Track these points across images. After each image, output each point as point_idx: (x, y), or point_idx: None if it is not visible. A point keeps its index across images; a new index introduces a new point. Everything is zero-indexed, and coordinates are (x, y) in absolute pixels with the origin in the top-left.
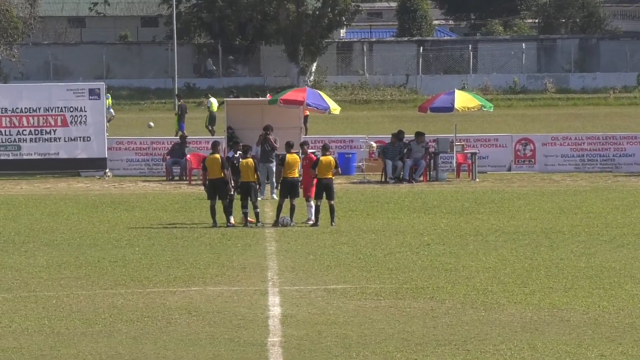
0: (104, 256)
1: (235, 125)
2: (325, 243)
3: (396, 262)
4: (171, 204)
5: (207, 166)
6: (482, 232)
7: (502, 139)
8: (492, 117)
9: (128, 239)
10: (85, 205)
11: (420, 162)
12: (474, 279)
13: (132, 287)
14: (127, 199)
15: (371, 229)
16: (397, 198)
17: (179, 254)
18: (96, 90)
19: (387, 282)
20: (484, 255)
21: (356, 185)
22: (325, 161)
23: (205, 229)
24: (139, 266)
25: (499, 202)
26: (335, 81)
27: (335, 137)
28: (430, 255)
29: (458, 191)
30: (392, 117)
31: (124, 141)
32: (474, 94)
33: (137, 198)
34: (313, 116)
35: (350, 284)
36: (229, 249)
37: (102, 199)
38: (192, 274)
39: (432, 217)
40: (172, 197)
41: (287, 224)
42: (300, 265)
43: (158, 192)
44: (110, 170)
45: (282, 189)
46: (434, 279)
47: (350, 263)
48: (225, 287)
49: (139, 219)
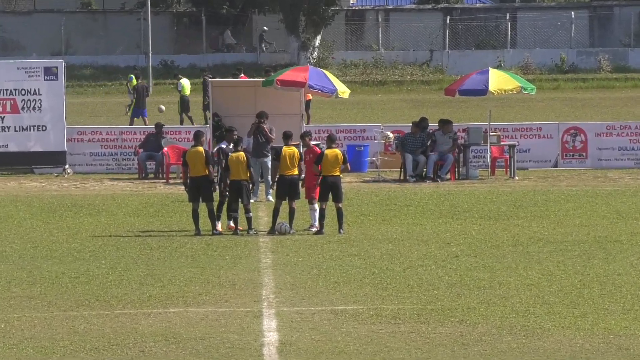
0: (63, 271)
1: (222, 111)
2: (331, 255)
3: (418, 278)
4: (145, 207)
5: (189, 161)
6: (523, 241)
7: (546, 129)
8: (535, 101)
9: (92, 250)
10: (40, 209)
11: (447, 156)
12: (512, 298)
13: (98, 308)
14: (91, 202)
15: (387, 237)
16: (419, 200)
17: (154, 268)
18: (53, 69)
19: (406, 302)
20: (525, 270)
21: (369, 184)
22: (331, 155)
23: (187, 237)
24: (105, 283)
25: (542, 205)
26: (343, 58)
27: (344, 126)
28: (460, 269)
29: (493, 192)
30: (412, 101)
31: (87, 131)
32: (512, 74)
33: (103, 200)
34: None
35: (362, 304)
36: (215, 262)
37: (61, 202)
38: (170, 292)
39: (462, 223)
40: (145, 198)
41: (285, 231)
42: (301, 281)
43: (129, 193)
44: (70, 167)
45: (278, 189)
46: (464, 298)
47: (362, 279)
48: (210, 309)
49: (106, 225)
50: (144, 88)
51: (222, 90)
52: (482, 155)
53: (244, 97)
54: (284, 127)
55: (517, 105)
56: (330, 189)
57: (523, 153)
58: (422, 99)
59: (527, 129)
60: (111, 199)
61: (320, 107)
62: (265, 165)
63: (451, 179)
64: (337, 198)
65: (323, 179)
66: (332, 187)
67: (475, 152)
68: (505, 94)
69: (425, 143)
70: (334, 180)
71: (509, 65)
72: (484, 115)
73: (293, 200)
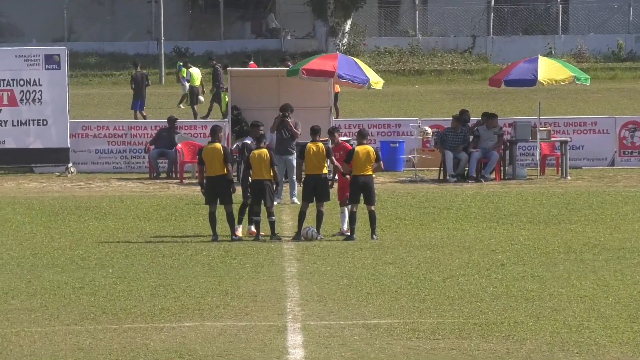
0: (65, 280)
1: (241, 104)
2: (363, 263)
3: (459, 289)
4: (156, 210)
5: (205, 159)
6: (576, 248)
7: (602, 123)
8: (589, 92)
9: (98, 258)
10: (41, 212)
11: (492, 153)
12: (564, 311)
13: (104, 322)
14: (96, 204)
15: (425, 243)
16: (461, 202)
17: (166, 278)
18: (55, 57)
19: (447, 315)
20: (578, 280)
21: (405, 184)
22: (363, 152)
23: (203, 243)
24: (113, 294)
25: (598, 208)
26: (376, 45)
27: (377, 121)
28: (506, 279)
29: (543, 193)
30: (453, 92)
31: (93, 126)
32: (563, 62)
33: (110, 202)
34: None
35: (397, 317)
36: (235, 271)
37: (64, 204)
38: (185, 304)
39: (508, 228)
40: (157, 200)
41: (312, 237)
42: (329, 292)
43: (138, 195)
44: (73, 165)
45: (305, 190)
46: (511, 311)
47: (397, 290)
48: (229, 322)
49: (113, 230)
50: (143, 77)
51: (241, 81)
52: (531, 152)
53: (266, 89)
54: (311, 121)
55: (570, 97)
56: (362, 190)
57: (576, 150)
58: (464, 90)
59: (581, 124)
60: (119, 201)
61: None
62: (290, 164)
63: (496, 179)
64: (370, 200)
65: (354, 179)
66: (364, 187)
67: (522, 149)
68: (556, 84)
69: (467, 139)
70: (366, 180)
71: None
72: (533, 109)
73: (321, 203)
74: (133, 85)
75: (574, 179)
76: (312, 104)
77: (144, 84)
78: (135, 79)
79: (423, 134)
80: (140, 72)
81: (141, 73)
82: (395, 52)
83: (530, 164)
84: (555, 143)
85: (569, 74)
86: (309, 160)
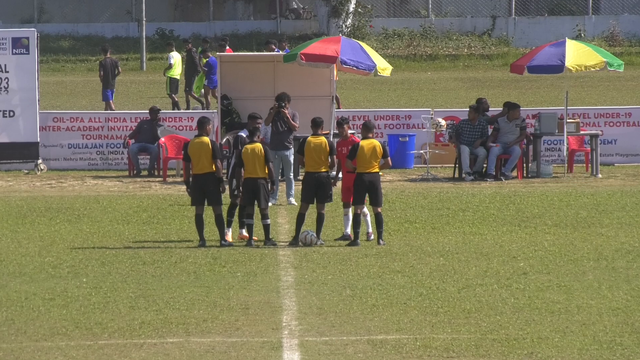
0: (34, 291)
1: (233, 93)
2: (369, 271)
3: (476, 301)
4: (136, 212)
5: (191, 155)
6: (607, 254)
7: (637, 114)
8: (623, 80)
9: (71, 265)
10: (7, 214)
11: (513, 148)
12: (594, 325)
13: (78, 337)
14: (69, 205)
15: (438, 249)
16: (478, 203)
17: (147, 288)
18: (23, 41)
19: (462, 330)
20: (610, 290)
21: (416, 183)
22: (368, 147)
23: (189, 249)
24: (87, 306)
25: (632, 210)
26: (384, 26)
27: (385, 112)
28: (529, 289)
29: (570, 193)
30: (470, 80)
31: (65, 117)
32: (594, 46)
33: (84, 203)
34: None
35: (407, 332)
36: (224, 281)
37: (32, 205)
38: (168, 317)
39: (531, 232)
40: (137, 201)
41: (311, 242)
42: (331, 304)
43: (117, 194)
44: (44, 162)
45: (304, 189)
46: (534, 325)
47: (406, 301)
48: (218, 338)
49: (88, 234)
50: (113, 64)
51: (233, 67)
52: (557, 147)
53: (261, 76)
54: (310, 112)
55: (601, 84)
56: (367, 190)
57: (608, 145)
58: (482, 78)
59: (614, 115)
60: (95, 201)
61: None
62: (286, 160)
63: (518, 176)
64: (376, 201)
65: (358, 177)
66: (369, 187)
67: (548, 143)
68: (586, 70)
69: (486, 132)
70: (372, 178)
71: (590, 36)
72: (559, 98)
73: (322, 204)
74: (102, 73)
75: (606, 177)
76: (312, 93)
77: (114, 73)
78: (104, 65)
79: (436, 126)
80: (110, 58)
81: (111, 59)
82: (406, 35)
83: (556, 160)
84: (584, 137)
85: (601, 59)
86: (309, 155)
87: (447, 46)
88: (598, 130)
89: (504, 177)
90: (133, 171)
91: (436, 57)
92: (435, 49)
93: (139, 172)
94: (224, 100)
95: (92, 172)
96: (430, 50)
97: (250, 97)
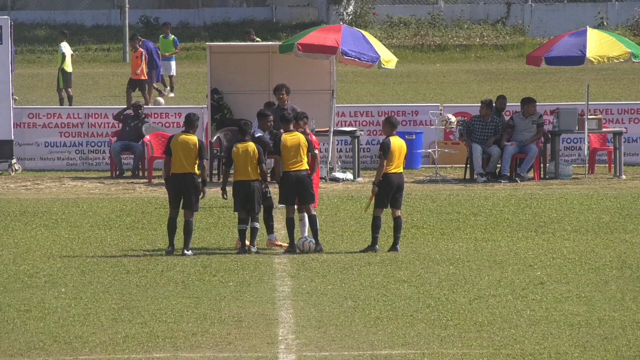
0: (8, 302)
1: (224, 87)
2: (372, 281)
3: (489, 313)
4: (119, 216)
5: (174, 150)
6: (631, 263)
7: None
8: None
9: (49, 274)
10: None
11: (529, 147)
12: (617, 339)
13: (56, 352)
14: (46, 209)
15: (448, 257)
16: (491, 207)
17: (132, 299)
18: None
19: (474, 344)
20: (634, 302)
21: (423, 185)
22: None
23: (176, 257)
24: (66, 318)
25: None
26: (389, 14)
27: (389, 107)
28: (546, 300)
29: (592, 196)
30: (482, 72)
31: (42, 113)
32: (618, 36)
33: (63, 207)
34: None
35: (413, 347)
36: (215, 291)
37: (6, 209)
38: (154, 330)
39: (549, 238)
40: (120, 204)
41: (309, 248)
42: (330, 316)
43: (98, 197)
44: (18, 162)
45: (284, 190)
46: (552, 339)
47: (413, 313)
48: (208, 353)
49: (67, 241)
50: None
51: (223, 59)
52: (577, 146)
53: (254, 68)
54: (309, 107)
55: (625, 78)
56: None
57: (632, 143)
58: (496, 70)
59: (639, 111)
60: (74, 205)
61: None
62: None
63: (535, 178)
64: (398, 203)
65: (385, 178)
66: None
67: (567, 141)
68: (609, 62)
69: (500, 130)
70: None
71: (613, 25)
72: (580, 92)
73: (306, 205)
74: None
75: (630, 179)
76: (310, 86)
77: None
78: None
79: (445, 123)
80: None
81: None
82: (412, 23)
83: (576, 160)
84: (607, 134)
85: (625, 49)
86: (286, 154)
87: (458, 35)
88: (622, 128)
89: (520, 178)
90: (115, 172)
91: (445, 48)
92: (445, 38)
93: (122, 172)
94: (215, 94)
95: (70, 172)
96: (439, 40)
97: (243, 91)
